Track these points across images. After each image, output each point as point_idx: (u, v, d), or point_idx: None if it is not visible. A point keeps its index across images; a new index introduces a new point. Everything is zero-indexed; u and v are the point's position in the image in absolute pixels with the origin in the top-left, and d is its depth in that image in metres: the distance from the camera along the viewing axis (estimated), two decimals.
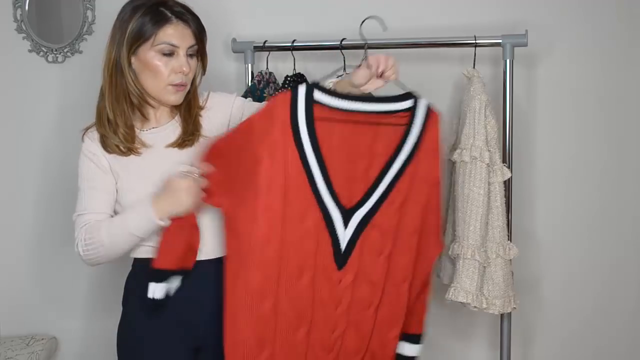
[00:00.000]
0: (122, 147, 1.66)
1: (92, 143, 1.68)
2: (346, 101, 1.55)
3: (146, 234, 1.61)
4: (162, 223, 1.58)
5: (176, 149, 1.70)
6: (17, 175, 2.47)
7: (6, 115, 2.44)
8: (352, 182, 1.59)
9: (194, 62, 1.68)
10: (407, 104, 1.58)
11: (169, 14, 1.62)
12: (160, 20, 1.61)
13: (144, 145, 1.69)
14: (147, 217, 1.58)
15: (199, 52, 1.69)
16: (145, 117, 1.70)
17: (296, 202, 1.55)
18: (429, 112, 1.61)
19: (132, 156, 1.67)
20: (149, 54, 1.62)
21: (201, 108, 1.77)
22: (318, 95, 1.56)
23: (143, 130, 1.71)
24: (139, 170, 1.66)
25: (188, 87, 1.69)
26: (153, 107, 1.72)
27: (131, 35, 1.62)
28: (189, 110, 1.73)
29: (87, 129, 1.72)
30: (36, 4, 2.39)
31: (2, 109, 2.44)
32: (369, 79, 1.60)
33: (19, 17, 2.40)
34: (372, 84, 1.61)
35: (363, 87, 1.61)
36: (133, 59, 1.65)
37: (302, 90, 1.55)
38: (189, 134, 1.71)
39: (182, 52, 1.63)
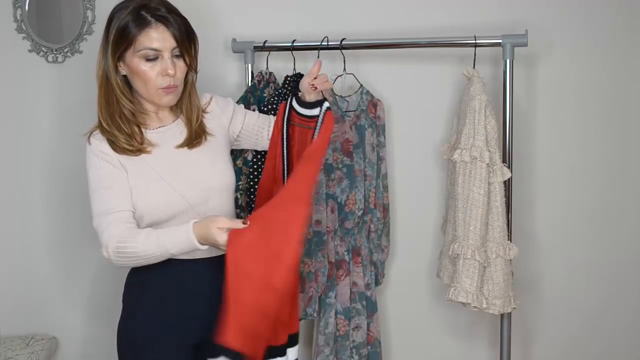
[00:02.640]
0: (130, 149, 1.66)
1: (101, 143, 1.67)
2: (299, 106, 1.86)
3: (183, 253, 1.60)
4: (199, 246, 1.57)
5: (186, 148, 1.72)
6: (16, 176, 2.47)
7: (6, 115, 2.44)
8: None
9: (181, 62, 1.67)
10: (316, 111, 1.83)
11: (149, 18, 1.61)
12: (139, 25, 1.60)
13: (151, 144, 1.69)
14: (187, 238, 1.57)
15: (186, 53, 1.67)
16: (143, 123, 1.71)
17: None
18: (326, 115, 1.83)
19: (143, 155, 1.67)
20: (133, 60, 1.62)
21: (203, 110, 1.79)
22: (293, 102, 1.87)
23: (150, 130, 1.71)
24: (151, 170, 1.66)
25: (180, 88, 1.70)
26: (147, 114, 1.72)
27: (114, 41, 1.62)
28: (190, 111, 1.75)
29: (91, 132, 1.70)
30: (36, 4, 2.39)
31: (2, 109, 2.44)
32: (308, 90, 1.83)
33: (19, 17, 2.39)
34: (311, 94, 1.83)
35: (307, 97, 1.84)
36: (122, 65, 1.65)
37: (289, 99, 1.89)
38: (196, 137, 1.73)
39: (166, 55, 1.63)
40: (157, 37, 1.61)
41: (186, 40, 1.66)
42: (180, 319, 1.69)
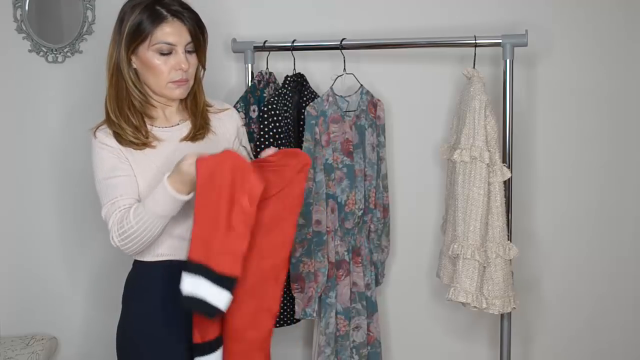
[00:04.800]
0: (136, 142, 1.66)
1: (106, 137, 1.67)
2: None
3: (171, 211, 1.58)
4: (181, 197, 1.56)
5: (189, 142, 1.73)
6: (16, 176, 2.47)
7: (6, 115, 2.44)
8: None
9: (193, 58, 1.69)
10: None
11: (165, 12, 1.62)
12: (156, 20, 1.62)
13: (157, 139, 1.69)
14: (165, 192, 1.55)
15: (198, 48, 1.69)
16: (151, 117, 1.71)
17: None
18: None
19: (146, 150, 1.68)
20: (147, 53, 1.63)
21: (210, 105, 1.80)
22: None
23: (156, 127, 1.72)
24: (153, 167, 1.67)
25: (191, 82, 1.71)
26: (156, 107, 1.72)
27: (129, 34, 1.63)
28: (195, 105, 1.76)
29: (97, 126, 1.70)
30: (36, 4, 2.39)
31: (2, 109, 2.44)
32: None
33: (19, 17, 2.39)
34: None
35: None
36: (133, 59, 1.66)
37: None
38: (199, 128, 1.74)
39: (180, 50, 1.64)
40: (173, 32, 1.62)
41: (200, 36, 1.68)
42: (179, 320, 1.68)
